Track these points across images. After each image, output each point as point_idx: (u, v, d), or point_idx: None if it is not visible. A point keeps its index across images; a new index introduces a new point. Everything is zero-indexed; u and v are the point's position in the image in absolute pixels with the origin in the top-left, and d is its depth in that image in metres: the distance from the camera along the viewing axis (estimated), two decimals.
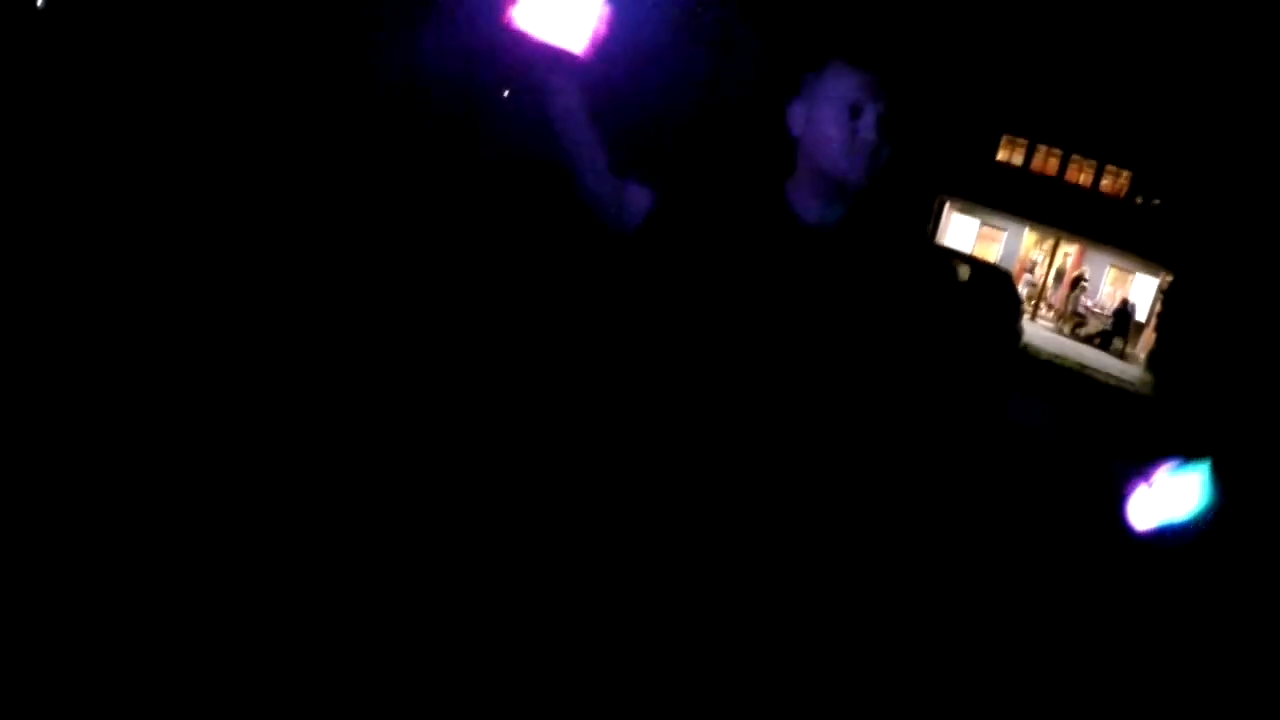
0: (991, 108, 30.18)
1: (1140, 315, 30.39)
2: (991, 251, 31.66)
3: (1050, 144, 31.50)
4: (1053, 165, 31.56)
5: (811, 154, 1.95)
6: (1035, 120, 30.95)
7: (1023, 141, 31.77)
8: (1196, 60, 26.58)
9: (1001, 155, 31.95)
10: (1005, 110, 30.62)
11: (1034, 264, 33.27)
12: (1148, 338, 29.45)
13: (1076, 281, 30.92)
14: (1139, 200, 31.23)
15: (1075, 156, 31.56)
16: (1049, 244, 32.82)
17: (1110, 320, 29.47)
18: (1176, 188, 29.51)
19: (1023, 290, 26.46)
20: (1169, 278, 29.40)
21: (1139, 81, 28.07)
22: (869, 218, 2.07)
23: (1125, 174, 31.30)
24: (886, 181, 2.03)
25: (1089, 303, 30.91)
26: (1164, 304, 29.15)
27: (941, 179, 30.40)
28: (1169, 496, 2.19)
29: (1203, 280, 25.06)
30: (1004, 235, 32.78)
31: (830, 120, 1.93)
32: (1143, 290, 31.74)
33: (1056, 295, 32.49)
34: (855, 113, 1.91)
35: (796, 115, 2.00)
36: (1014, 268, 29.13)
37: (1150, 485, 2.20)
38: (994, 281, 15.32)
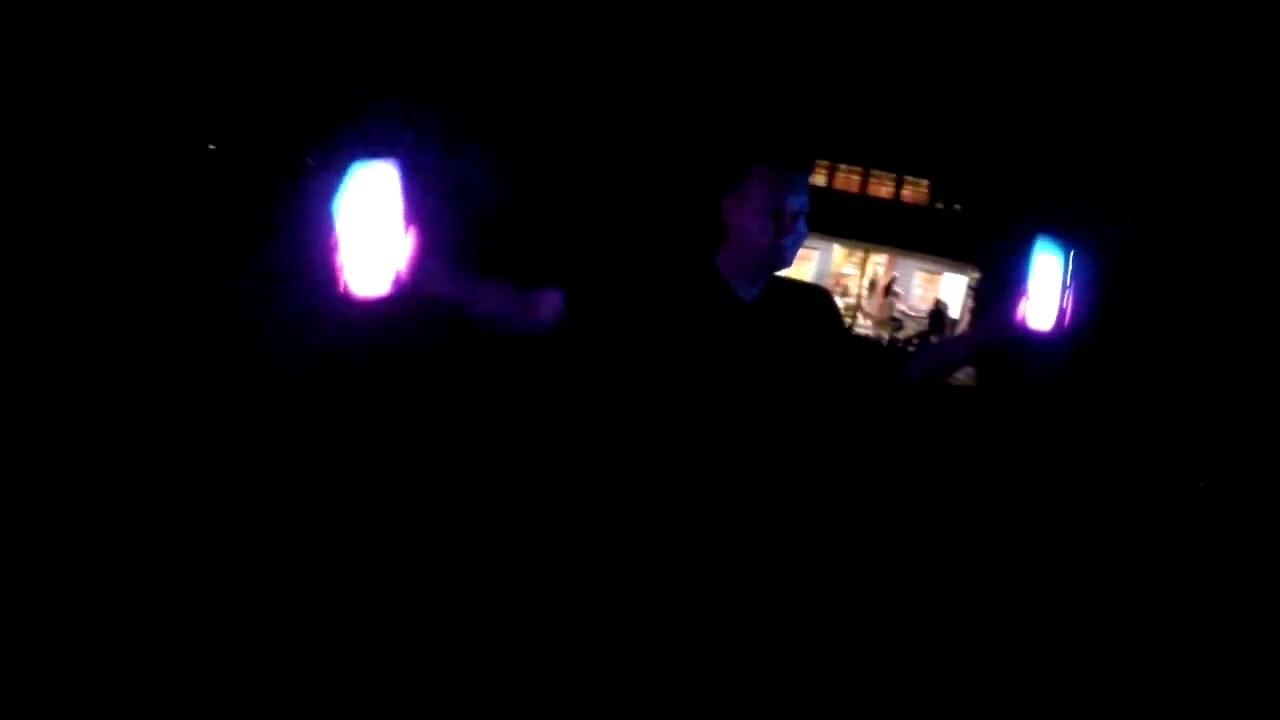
0: (791, 137, 31.26)
1: (954, 313, 31.79)
2: (805, 271, 32.67)
3: (850, 163, 32.79)
4: (854, 183, 32.82)
5: (741, 240, 2.30)
6: (833, 143, 32.20)
7: (824, 163, 32.99)
8: (981, 72, 28.07)
9: None
10: (804, 138, 31.77)
11: (847, 278, 34.46)
12: (963, 325, 30.78)
13: (889, 289, 32.16)
14: (939, 206, 32.72)
15: (875, 172, 32.89)
16: (859, 257, 34.05)
17: (926, 321, 30.77)
18: (973, 190, 31.04)
19: (840, 303, 27.35)
20: (976, 274, 30.80)
21: (927, 97, 29.52)
22: (687, 254, 2.44)
23: (924, 183, 32.75)
24: (701, 218, 2.42)
25: (903, 307, 32.15)
26: (975, 299, 30.49)
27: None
28: (1042, 281, 2.54)
29: (1008, 272, 26.30)
30: (815, 254, 33.84)
31: (758, 216, 2.27)
32: (953, 289, 33.18)
33: (872, 304, 33.70)
34: (779, 213, 2.27)
35: (729, 206, 2.33)
36: (829, 283, 30.17)
37: (1027, 293, 2.53)
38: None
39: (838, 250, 33.68)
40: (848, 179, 32.87)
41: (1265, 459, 10.46)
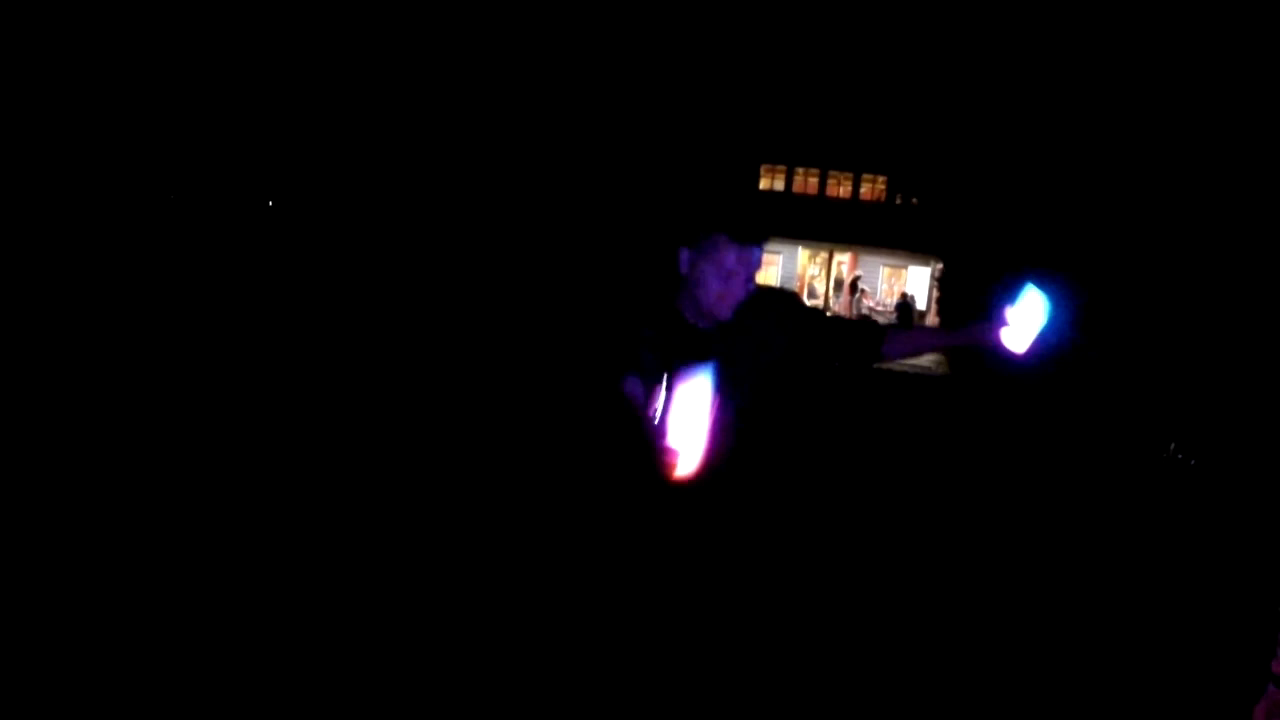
0: (747, 143, 31.67)
1: (920, 304, 32.18)
2: (771, 276, 32.98)
3: (808, 165, 33.22)
4: (813, 184, 33.26)
5: (694, 291, 2.61)
6: (790, 146, 32.62)
7: (781, 168, 33.38)
8: (930, 67, 28.49)
9: (764, 184, 33.44)
10: (760, 142, 32.16)
11: (813, 279, 34.81)
12: (932, 324, 31.15)
13: (855, 286, 32.51)
14: (898, 200, 33.17)
15: (833, 172, 33.33)
16: (823, 257, 34.44)
17: (894, 315, 31.12)
18: (931, 183, 31.46)
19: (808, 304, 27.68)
20: (940, 265, 31.19)
21: (881, 95, 29.95)
22: (655, 269, 2.74)
23: (881, 180, 33.23)
24: (668, 233, 2.70)
25: (870, 303, 32.50)
26: (940, 290, 30.85)
27: (710, 218, 31.56)
28: (1023, 317, 2.79)
29: (972, 260, 26.64)
30: (780, 258, 34.18)
31: (713, 277, 2.57)
32: (918, 281, 33.60)
33: (839, 303, 34.02)
34: (732, 275, 2.59)
35: (684, 259, 2.65)
36: (795, 286, 30.52)
37: (1009, 318, 2.78)
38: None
39: (801, 252, 34.02)
40: (806, 181, 33.29)
41: (1236, 426, 10.66)
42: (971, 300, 25.71)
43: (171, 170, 21.99)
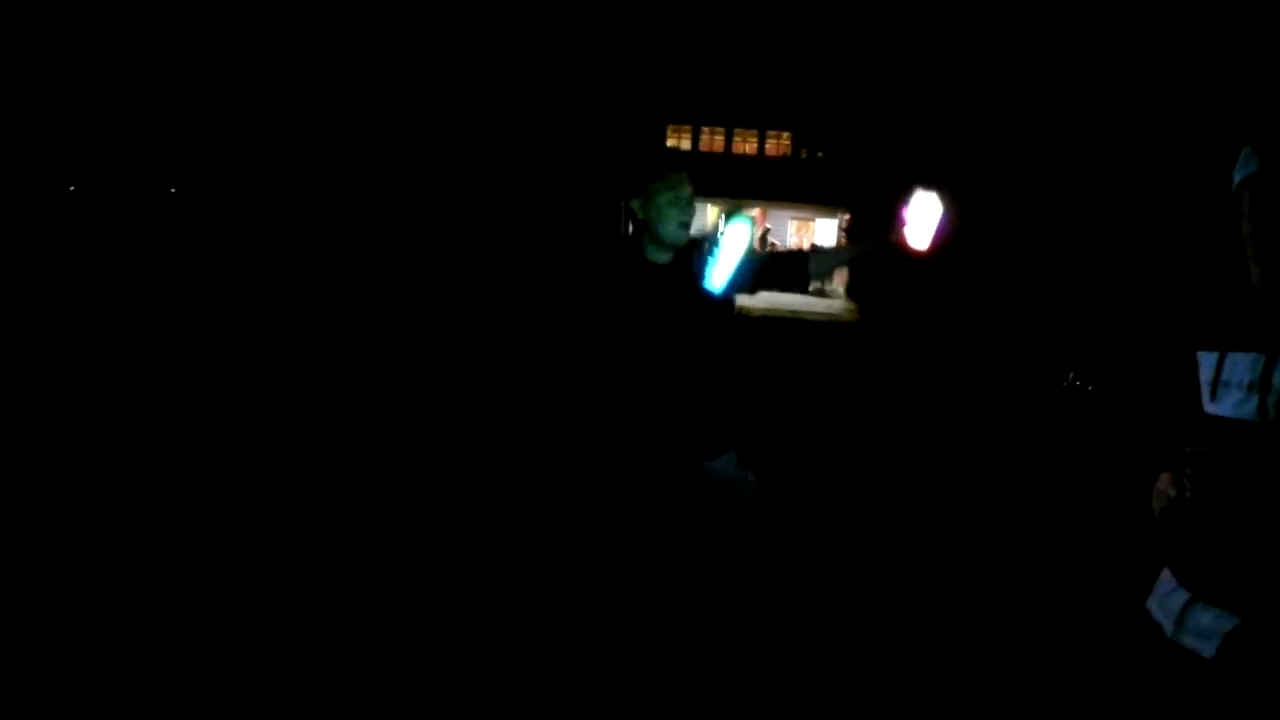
0: (652, 104, 31.95)
1: None
2: None
3: (713, 124, 33.57)
4: (718, 143, 33.62)
5: (655, 229, 3.09)
6: (694, 106, 32.93)
7: (687, 127, 33.70)
8: (829, 23, 28.91)
9: (670, 143, 33.72)
10: (666, 103, 32.45)
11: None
12: (841, 272, 31.83)
13: (765, 239, 33.00)
14: (803, 155, 33.68)
15: (738, 130, 33.72)
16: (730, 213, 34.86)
17: None
18: (834, 137, 32.02)
19: None
20: (847, 216, 31.86)
21: (782, 52, 30.34)
22: (574, 227, 3.24)
23: (786, 136, 33.67)
24: (580, 195, 3.23)
25: None
26: (848, 239, 31.46)
27: (621, 179, 31.93)
28: (920, 217, 3.30)
29: (877, 211, 27.24)
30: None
31: (672, 207, 3.08)
32: (826, 232, 34.25)
33: None
34: (687, 202, 3.07)
35: (636, 209, 3.12)
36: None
37: (907, 219, 3.30)
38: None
39: (711, 209, 34.39)
40: (712, 139, 33.63)
41: (1129, 352, 11.09)
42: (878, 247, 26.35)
43: (172, 164, 21.85)
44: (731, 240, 3.02)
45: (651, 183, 3.13)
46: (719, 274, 3.02)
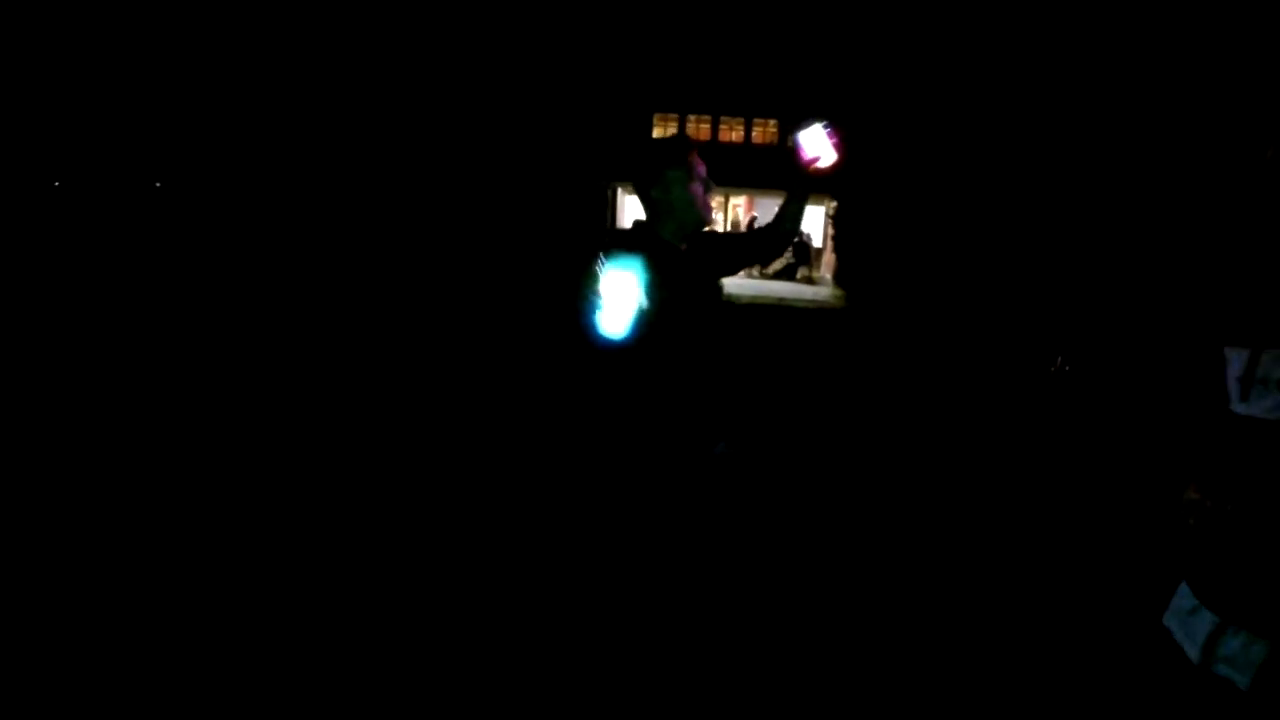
0: (639, 93, 31.93)
1: (817, 242, 32.87)
2: None
3: (699, 113, 33.52)
4: (705, 131, 33.56)
5: (677, 211, 3.13)
6: (680, 95, 32.89)
7: (674, 116, 33.65)
8: (817, 10, 28.86)
9: (657, 133, 33.69)
10: (652, 92, 32.43)
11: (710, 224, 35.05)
12: (829, 259, 31.81)
13: (752, 227, 32.98)
14: (790, 143, 33.63)
15: (724, 118, 33.67)
16: (719, 201, 34.87)
17: (791, 254, 31.75)
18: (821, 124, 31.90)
19: None
20: (834, 203, 31.83)
21: (768, 40, 30.31)
22: (558, 213, 3.28)
23: (772, 123, 33.62)
24: (567, 181, 3.27)
25: None
26: (835, 227, 31.49)
27: (609, 168, 31.97)
28: (811, 145, 3.39)
29: (863, 198, 27.29)
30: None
31: (696, 187, 3.11)
32: (813, 219, 34.22)
33: None
34: (704, 180, 3.13)
35: (656, 190, 3.13)
36: None
37: (801, 143, 3.38)
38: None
39: None
40: (698, 128, 33.57)
41: (1117, 338, 11.14)
42: (864, 234, 26.50)
43: (156, 158, 21.77)
44: (615, 286, 2.87)
45: (668, 168, 3.15)
46: (610, 321, 2.86)
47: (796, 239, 31.98)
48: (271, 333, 11.71)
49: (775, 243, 3.45)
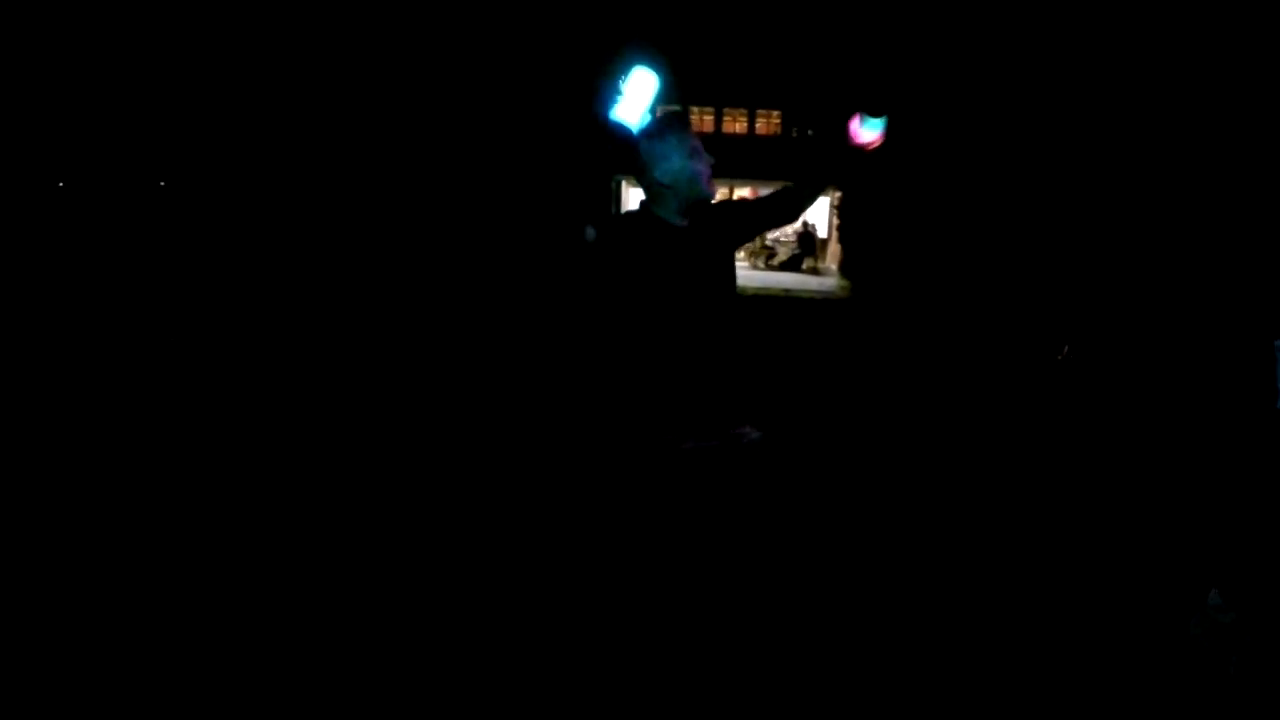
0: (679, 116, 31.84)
1: (822, 232, 32.84)
2: None
3: (702, 104, 33.49)
4: (708, 122, 33.56)
5: (680, 187, 3.05)
6: (683, 87, 32.84)
7: (676, 109, 33.65)
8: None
9: None
10: (654, 84, 32.37)
11: None
12: (834, 250, 31.78)
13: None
14: (794, 134, 33.58)
15: (728, 109, 33.64)
16: (724, 192, 34.72)
17: (796, 244, 31.75)
18: (825, 114, 31.88)
19: None
20: (838, 194, 31.79)
21: (771, 30, 30.23)
22: (564, 205, 3.24)
23: (775, 114, 33.57)
24: (572, 174, 3.23)
25: (773, 235, 33.03)
26: (840, 217, 31.45)
27: (613, 161, 31.95)
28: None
29: (867, 188, 27.22)
30: None
31: (695, 159, 3.05)
32: (818, 210, 34.17)
33: None
34: (700, 151, 3.05)
35: (649, 163, 3.07)
36: None
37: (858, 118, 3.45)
38: None
39: None
40: (701, 119, 33.55)
41: (1120, 324, 11.08)
42: (869, 225, 26.42)
43: (160, 157, 21.83)
44: (635, 82, 3.19)
45: (668, 136, 3.11)
46: (626, 110, 3.14)
47: (802, 229, 31.97)
48: (281, 329, 11.72)
49: (794, 205, 3.41)
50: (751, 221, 3.35)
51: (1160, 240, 12.21)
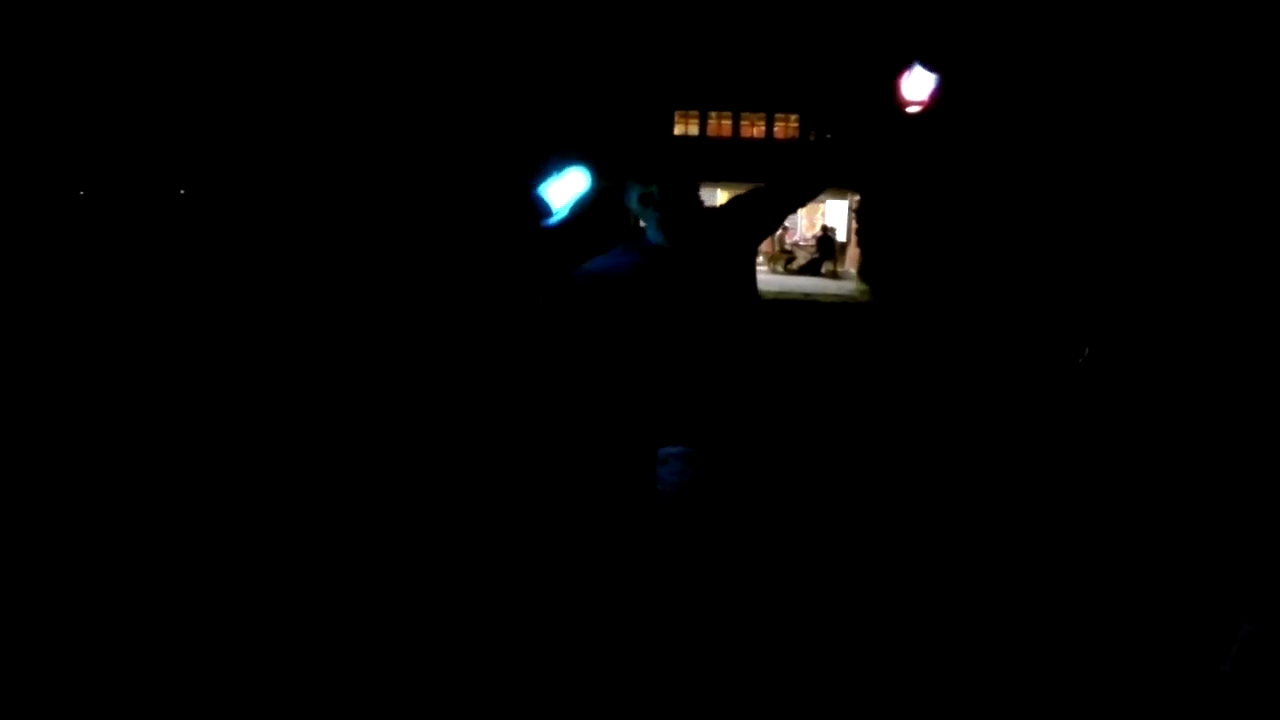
0: (659, 92, 31.87)
1: (841, 236, 32.78)
2: None
3: (720, 109, 33.49)
4: (726, 127, 33.55)
5: (667, 212, 3.19)
6: (701, 91, 32.88)
7: (694, 113, 33.63)
8: (837, 3, 28.78)
9: (678, 130, 33.69)
10: (672, 91, 32.39)
11: None
12: (853, 254, 31.71)
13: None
14: (812, 137, 33.53)
15: (745, 114, 33.62)
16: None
17: (815, 248, 31.69)
18: (843, 117, 31.83)
19: None
20: (857, 197, 31.73)
21: (788, 34, 30.23)
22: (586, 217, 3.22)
23: (793, 118, 33.54)
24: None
25: (793, 238, 33.01)
26: (859, 221, 31.40)
27: (631, 168, 31.93)
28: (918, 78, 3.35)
29: (886, 191, 27.18)
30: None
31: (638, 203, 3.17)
32: (837, 214, 34.13)
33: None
34: (648, 198, 3.16)
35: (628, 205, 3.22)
36: None
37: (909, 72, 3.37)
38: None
39: (720, 194, 34.27)
40: (719, 124, 33.55)
41: (1145, 328, 11.01)
42: (888, 228, 26.37)
43: (180, 165, 21.98)
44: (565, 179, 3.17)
45: (627, 177, 3.25)
46: (553, 194, 3.17)
47: (821, 234, 31.93)
48: (299, 335, 11.75)
49: (796, 190, 3.42)
50: (752, 217, 3.35)
51: (1183, 244, 12.12)
